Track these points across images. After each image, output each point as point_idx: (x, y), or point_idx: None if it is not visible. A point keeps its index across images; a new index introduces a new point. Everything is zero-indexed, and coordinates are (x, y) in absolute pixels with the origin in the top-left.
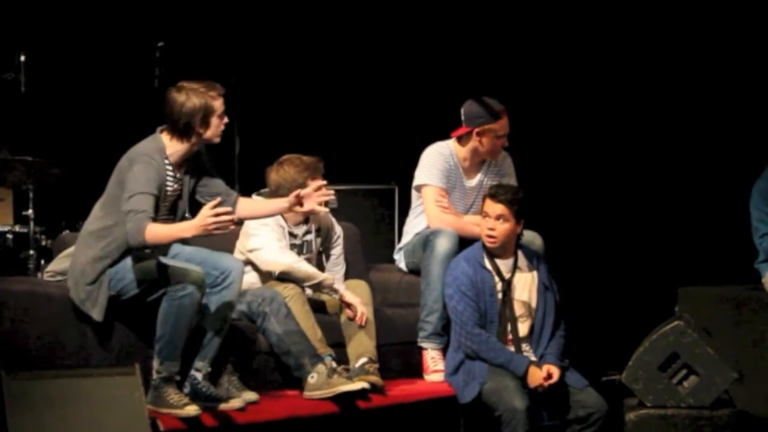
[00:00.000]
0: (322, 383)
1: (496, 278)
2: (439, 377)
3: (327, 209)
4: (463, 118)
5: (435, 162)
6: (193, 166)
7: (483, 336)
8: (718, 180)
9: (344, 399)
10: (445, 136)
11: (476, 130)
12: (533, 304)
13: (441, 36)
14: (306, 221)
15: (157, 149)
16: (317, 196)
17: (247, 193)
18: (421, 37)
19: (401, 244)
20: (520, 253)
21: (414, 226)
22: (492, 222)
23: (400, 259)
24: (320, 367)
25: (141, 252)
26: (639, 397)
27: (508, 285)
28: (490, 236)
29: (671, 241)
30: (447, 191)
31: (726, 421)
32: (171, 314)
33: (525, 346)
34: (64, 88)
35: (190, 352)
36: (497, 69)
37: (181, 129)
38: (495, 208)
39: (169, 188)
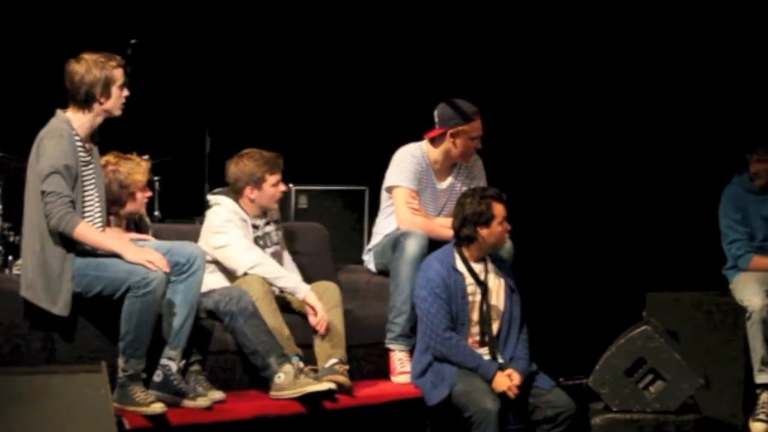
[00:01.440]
0: (289, 383)
1: (468, 281)
2: (406, 379)
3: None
4: (436, 119)
5: (406, 163)
6: (98, 140)
7: (453, 339)
8: (687, 187)
9: (311, 399)
10: (416, 138)
11: (450, 131)
12: (501, 308)
13: (414, 38)
14: (264, 214)
15: (63, 121)
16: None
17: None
18: (395, 38)
19: (370, 245)
20: (487, 257)
21: (384, 227)
22: (506, 223)
23: (369, 260)
24: (287, 367)
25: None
26: (605, 401)
27: (485, 288)
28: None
29: (640, 246)
30: (418, 193)
31: (691, 427)
32: (135, 312)
33: (486, 349)
34: (33, 82)
35: (156, 348)
36: (470, 72)
37: (82, 99)
38: (504, 209)
39: (82, 158)
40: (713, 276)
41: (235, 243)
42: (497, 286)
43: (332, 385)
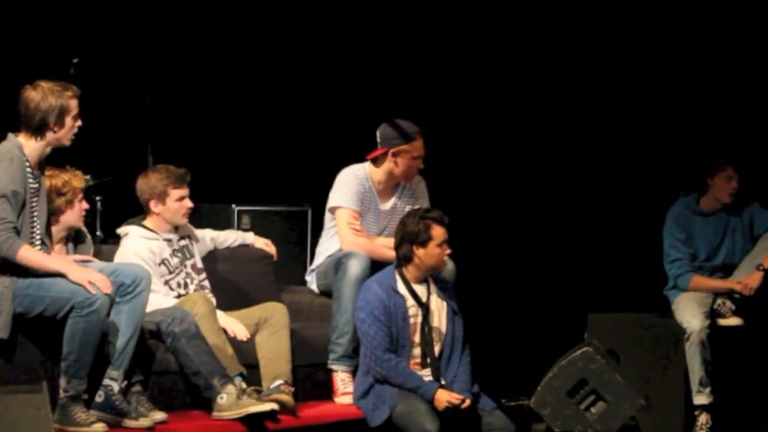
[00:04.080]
0: (232, 404)
1: (409, 303)
2: (348, 399)
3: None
4: (378, 139)
5: (350, 184)
6: (44, 169)
7: (393, 361)
8: (629, 208)
9: (253, 420)
10: (359, 159)
11: (392, 151)
12: (443, 329)
13: (357, 58)
14: (176, 229)
15: (15, 146)
16: None
17: None
18: (338, 58)
19: (313, 266)
20: (430, 278)
21: (326, 248)
22: (445, 246)
23: (311, 281)
24: (230, 388)
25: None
26: (547, 422)
27: (427, 310)
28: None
29: (582, 267)
30: (361, 214)
31: None
32: (77, 332)
33: (428, 371)
34: None
35: (98, 368)
36: (412, 92)
37: (36, 127)
38: (444, 232)
39: (31, 184)
40: (654, 297)
41: None
42: (439, 307)
43: (275, 406)
